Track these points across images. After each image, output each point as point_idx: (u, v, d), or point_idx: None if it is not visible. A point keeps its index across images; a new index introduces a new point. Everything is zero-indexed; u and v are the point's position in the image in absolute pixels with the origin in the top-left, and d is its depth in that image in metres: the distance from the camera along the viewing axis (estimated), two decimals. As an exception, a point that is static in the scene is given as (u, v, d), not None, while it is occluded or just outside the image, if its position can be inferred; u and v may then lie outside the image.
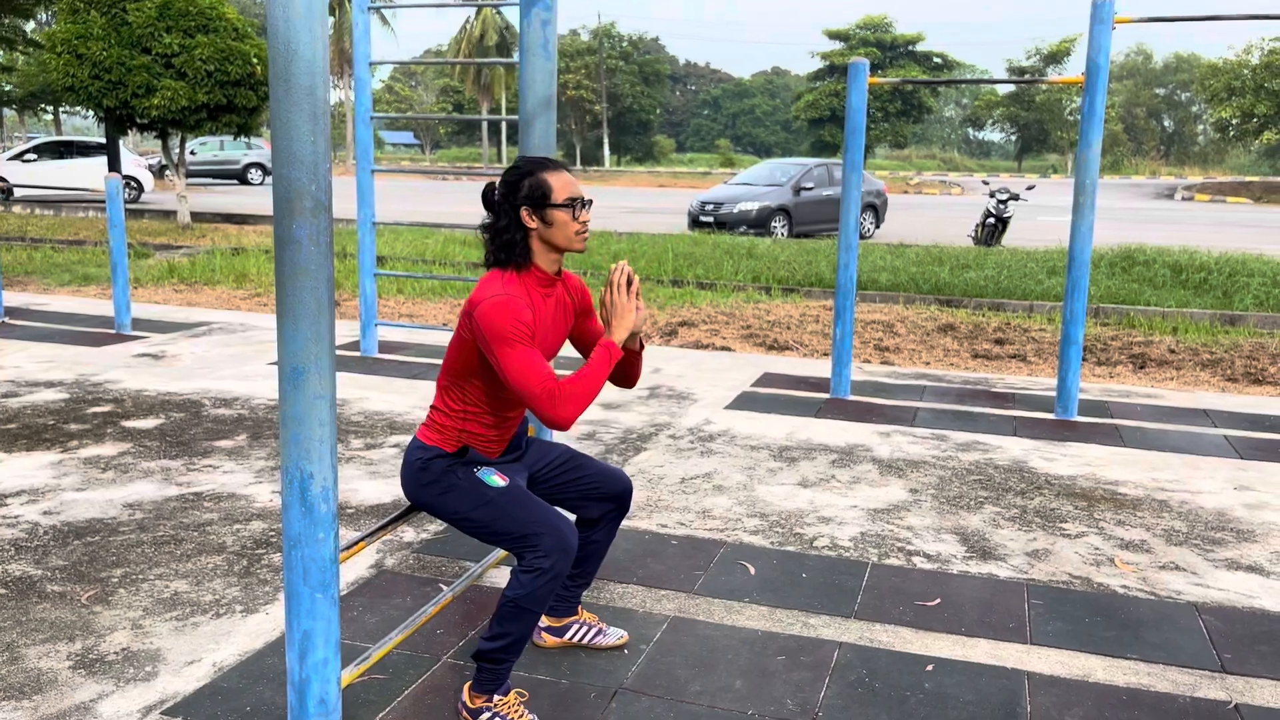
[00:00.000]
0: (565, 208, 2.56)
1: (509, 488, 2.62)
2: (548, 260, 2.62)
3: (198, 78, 14.87)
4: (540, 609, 2.55)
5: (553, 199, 2.55)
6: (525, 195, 2.55)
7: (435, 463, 2.62)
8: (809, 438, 5.33)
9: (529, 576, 2.53)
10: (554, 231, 2.57)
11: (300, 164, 2.12)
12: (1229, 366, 7.79)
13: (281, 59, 2.08)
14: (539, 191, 2.55)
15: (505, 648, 2.58)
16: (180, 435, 5.14)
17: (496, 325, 2.44)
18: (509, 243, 2.57)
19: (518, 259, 2.58)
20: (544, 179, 2.56)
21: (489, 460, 2.69)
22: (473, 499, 2.60)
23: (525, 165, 2.60)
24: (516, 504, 2.59)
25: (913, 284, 11.31)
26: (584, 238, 2.61)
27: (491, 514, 2.58)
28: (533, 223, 2.56)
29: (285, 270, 2.16)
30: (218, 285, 10.89)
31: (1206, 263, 12.21)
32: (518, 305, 2.47)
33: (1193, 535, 4.05)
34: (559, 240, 2.58)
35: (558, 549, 2.54)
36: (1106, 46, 5.44)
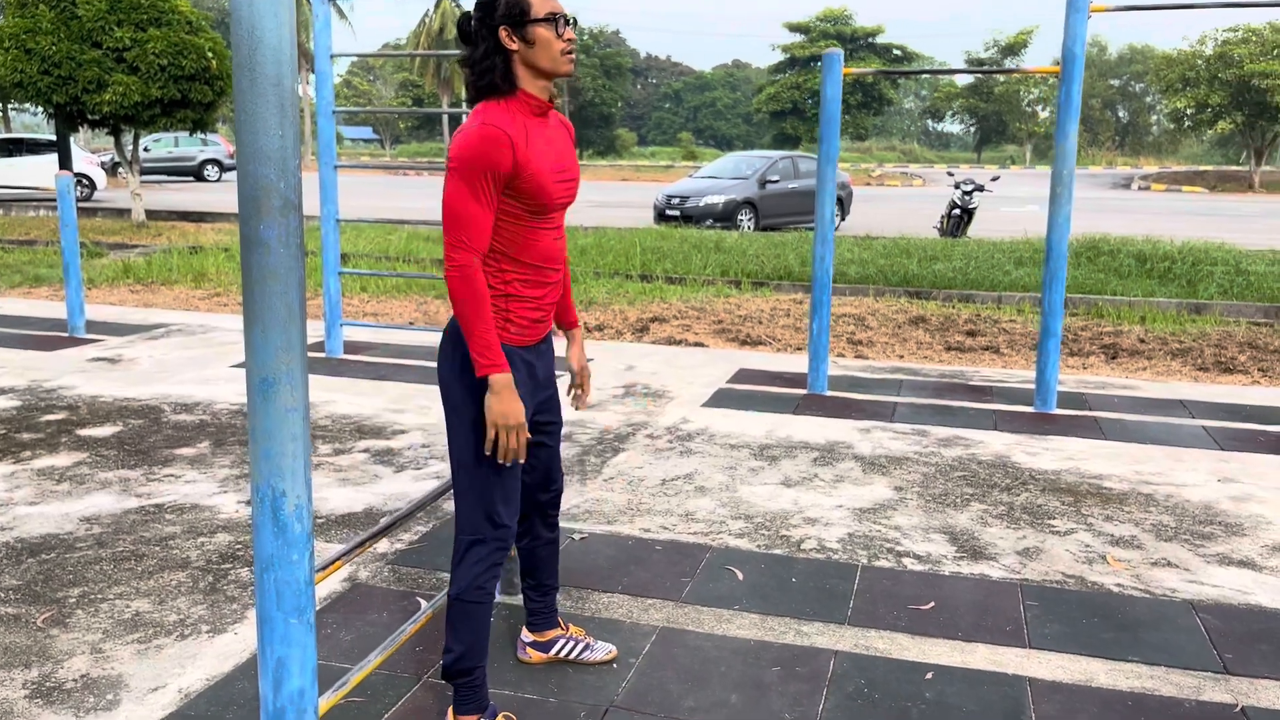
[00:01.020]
0: (547, 23, 2.33)
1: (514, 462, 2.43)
2: (535, 86, 2.39)
3: (151, 72, 14.50)
4: (486, 602, 2.45)
5: (533, 14, 2.33)
6: (503, 14, 2.33)
7: None
8: (789, 435, 5.24)
9: (465, 564, 2.44)
10: (537, 52, 2.34)
11: (267, 159, 1.96)
12: (1199, 355, 7.81)
13: (245, 46, 1.93)
14: (518, 9, 2.32)
15: (464, 654, 2.46)
16: (139, 443, 4.94)
17: (464, 154, 2.25)
18: (490, 68, 2.34)
19: (500, 85, 2.35)
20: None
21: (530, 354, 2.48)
22: (474, 427, 2.39)
23: None
24: (502, 482, 2.42)
25: (881, 276, 11.28)
26: (570, 58, 2.38)
27: (476, 454, 2.40)
28: (514, 44, 2.34)
29: (253, 274, 2.01)
30: (175, 285, 10.60)
31: (1170, 252, 12.29)
32: (495, 140, 2.26)
33: (1181, 530, 4.00)
34: (543, 61, 2.36)
35: (498, 538, 2.44)
36: (1083, 35, 5.39)
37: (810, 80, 50.31)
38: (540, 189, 2.35)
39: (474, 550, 2.44)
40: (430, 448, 4.96)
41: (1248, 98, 33.89)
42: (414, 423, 5.40)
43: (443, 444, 5.03)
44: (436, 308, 9.46)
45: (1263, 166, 37.86)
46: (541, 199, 2.37)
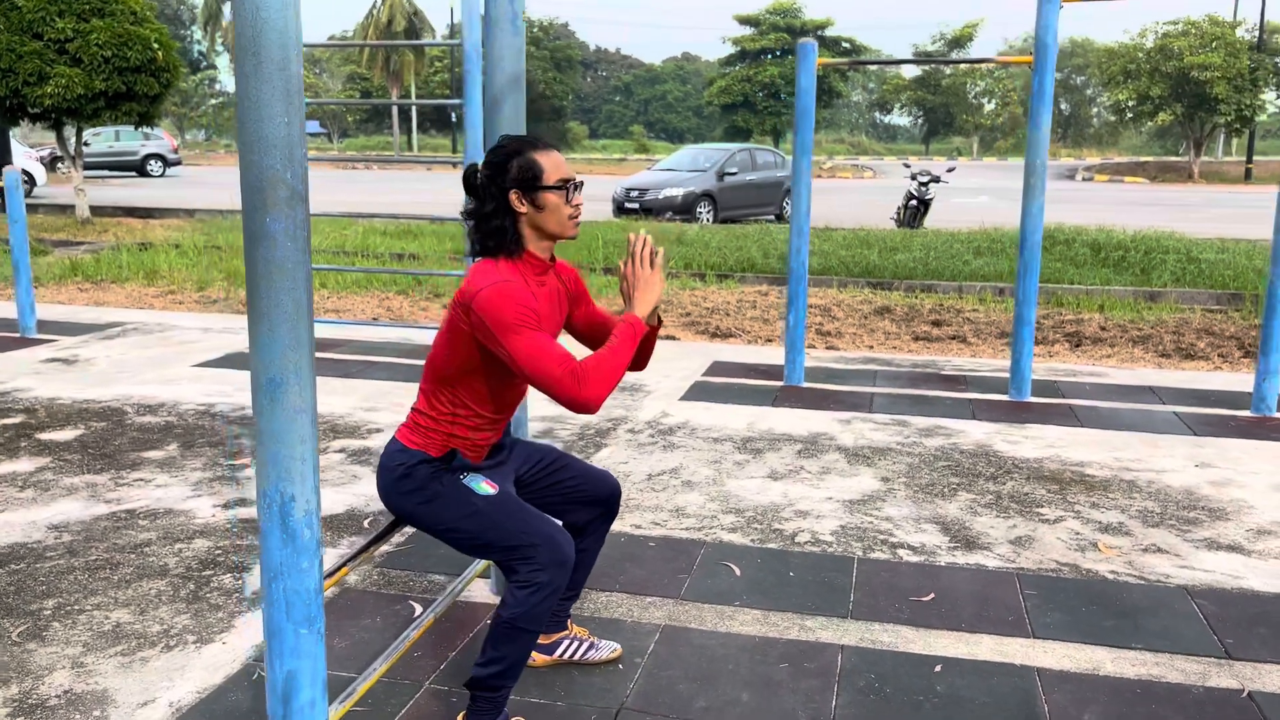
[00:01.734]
0: (558, 190, 2.36)
1: (498, 496, 2.42)
2: (540, 247, 2.42)
3: (94, 64, 14.08)
4: (538, 628, 2.36)
5: (544, 181, 2.35)
6: (514, 177, 2.34)
7: (419, 469, 2.40)
8: (770, 427, 5.21)
9: (525, 593, 2.33)
10: (546, 216, 2.36)
11: (273, 148, 1.87)
12: (1159, 342, 7.93)
13: (250, 29, 1.83)
14: (530, 173, 2.34)
15: (502, 672, 2.38)
16: (104, 446, 4.76)
17: (501, 313, 2.23)
18: (498, 229, 2.36)
19: (509, 247, 2.36)
20: (534, 159, 2.35)
21: (475, 465, 2.48)
22: (459, 508, 2.38)
23: (512, 145, 2.38)
24: (507, 513, 2.39)
25: (844, 267, 11.32)
26: (576, 222, 2.42)
27: (480, 524, 2.38)
28: (523, 207, 2.35)
29: (259, 269, 1.91)
30: (127, 283, 10.31)
31: (1124, 241, 12.50)
32: (520, 290, 2.27)
33: (1167, 515, 4.04)
34: (551, 225, 2.38)
35: (553, 561, 2.35)
36: (1054, 26, 5.42)
37: (760, 73, 50.48)
38: None
39: (534, 578, 2.33)
40: (408, 446, 4.85)
41: (1187, 89, 34.62)
42: (388, 421, 5.28)
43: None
44: (400, 304, 9.30)
45: (1202, 157, 38.72)
46: None
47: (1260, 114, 35.54)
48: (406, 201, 20.86)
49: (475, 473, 2.46)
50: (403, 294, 9.79)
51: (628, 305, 2.39)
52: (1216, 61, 32.96)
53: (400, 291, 9.87)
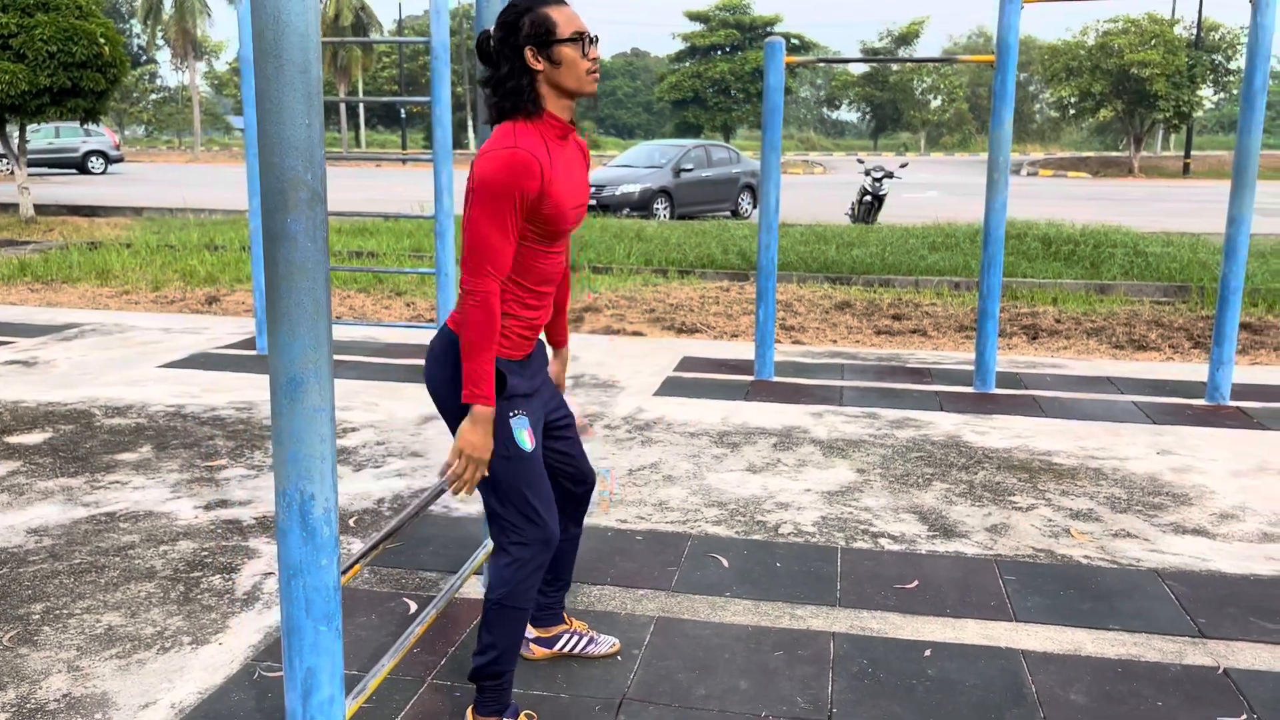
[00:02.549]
0: (573, 42, 2.27)
1: (531, 454, 2.38)
2: (559, 106, 2.33)
3: (38, 59, 13.76)
4: (526, 605, 2.41)
5: (559, 34, 2.26)
6: (528, 34, 2.25)
7: None
8: (745, 421, 5.28)
9: (509, 569, 2.39)
10: (563, 72, 2.28)
11: (294, 150, 1.88)
12: (1112, 334, 8.15)
13: (270, 32, 1.84)
14: (543, 28, 2.25)
15: (499, 657, 2.41)
16: (75, 449, 4.70)
17: (489, 178, 2.18)
18: (515, 89, 2.27)
19: (527, 106, 2.28)
20: (546, 14, 2.26)
21: (520, 367, 2.41)
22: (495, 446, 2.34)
23: (523, 3, 2.29)
24: (527, 476, 2.37)
25: (802, 263, 11.45)
26: (595, 77, 2.33)
27: (500, 473, 2.35)
28: (539, 64, 2.27)
29: (279, 270, 1.93)
30: (79, 283, 10.11)
31: (1073, 235, 12.79)
32: (525, 166, 2.19)
33: (1134, 502, 4.18)
34: (569, 82, 2.29)
35: (538, 539, 2.40)
36: (1015, 26, 5.55)
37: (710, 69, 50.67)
38: (560, 215, 2.31)
39: (516, 551, 2.38)
40: (385, 445, 4.85)
41: (1127, 86, 35.45)
42: (364, 420, 5.27)
43: (397, 441, 4.92)
44: (362, 302, 9.23)
45: (1141, 152, 39.67)
46: (558, 225, 2.32)
47: (1197, 110, 36.51)
48: (357, 199, 20.66)
49: (521, 415, 2.39)
50: (364, 292, 9.72)
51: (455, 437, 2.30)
52: (1156, 59, 33.78)
53: (361, 289, 9.81)
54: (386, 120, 63.74)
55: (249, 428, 5.07)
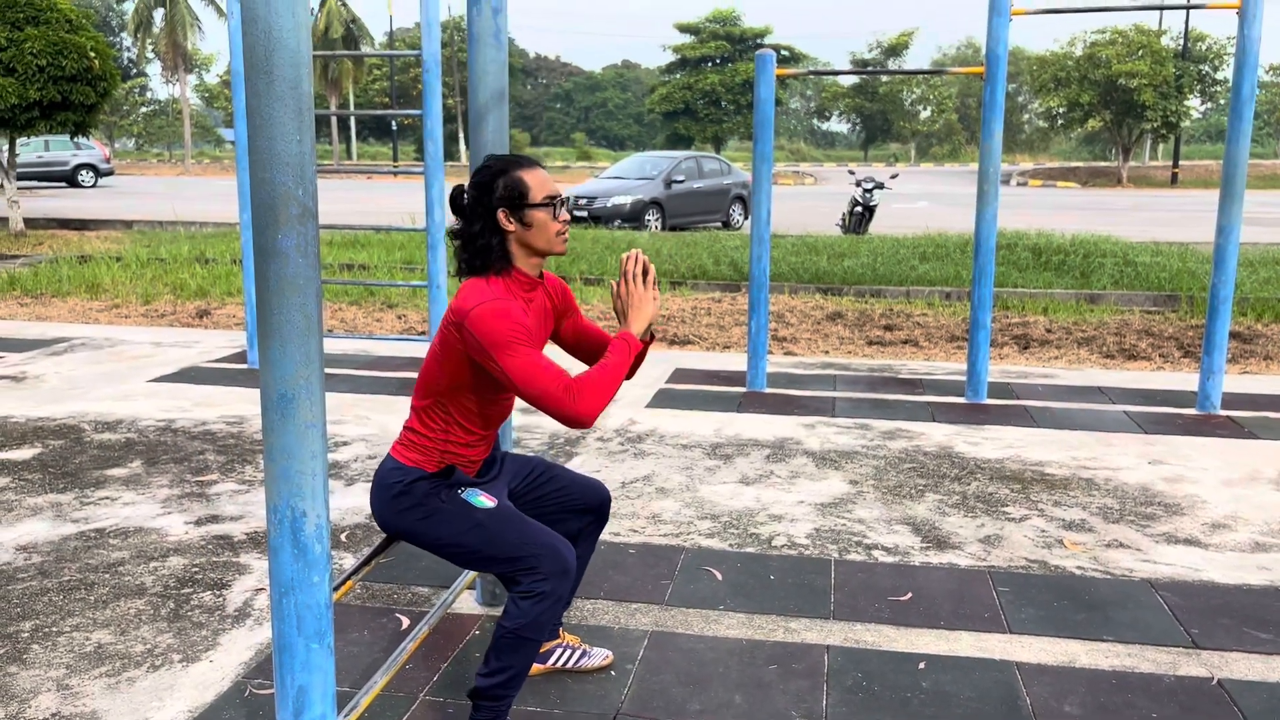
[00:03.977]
0: (544, 207, 2.41)
1: (498, 509, 2.45)
2: (529, 264, 2.47)
3: (28, 73, 13.73)
4: (541, 636, 2.39)
5: (531, 199, 2.40)
6: (501, 196, 2.39)
7: (417, 485, 2.42)
8: (737, 433, 5.28)
9: (528, 603, 2.36)
10: (533, 233, 2.41)
11: (285, 166, 1.88)
12: (1103, 344, 8.18)
13: (261, 48, 1.84)
14: (515, 191, 2.39)
15: (506, 682, 2.40)
16: (64, 465, 4.67)
17: (494, 331, 2.27)
18: (485, 248, 2.41)
19: (497, 264, 2.41)
20: (519, 177, 2.40)
21: (471, 480, 2.51)
22: (460, 523, 2.41)
23: (497, 164, 2.42)
24: (508, 525, 2.42)
25: (793, 273, 11.47)
26: (564, 238, 2.47)
27: (482, 538, 2.40)
28: (510, 225, 2.40)
29: (270, 285, 1.92)
30: (69, 297, 10.07)
31: (1063, 245, 12.83)
32: (512, 308, 2.31)
33: (1126, 512, 4.18)
34: (539, 243, 2.43)
35: (555, 571, 2.39)
36: (1004, 38, 5.58)
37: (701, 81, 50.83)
38: None
39: (539, 588, 2.36)
40: (377, 458, 4.83)
41: (1115, 96, 35.64)
42: (355, 433, 5.25)
43: (390, 454, 4.90)
44: (353, 315, 9.22)
45: (1130, 162, 39.89)
46: None
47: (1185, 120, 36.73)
48: (348, 211, 20.65)
49: (473, 487, 2.49)
50: (355, 305, 9.71)
51: (622, 322, 2.44)
52: (1143, 69, 33.99)
53: (353, 302, 9.79)
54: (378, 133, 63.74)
55: (240, 442, 5.05)
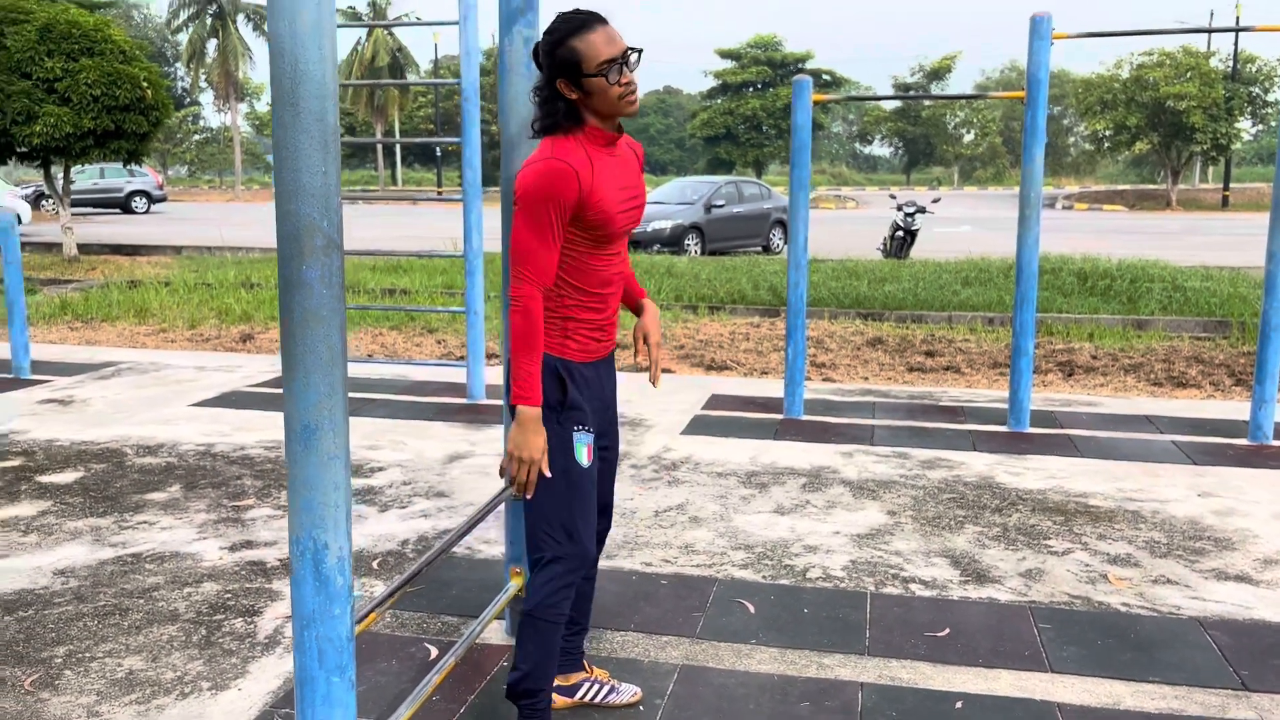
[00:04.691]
0: (598, 76, 2.33)
1: (589, 471, 2.48)
2: (601, 122, 2.42)
3: (83, 103, 14.09)
4: (557, 620, 2.47)
5: (585, 68, 2.33)
6: (559, 66, 2.36)
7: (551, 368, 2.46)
8: (773, 461, 5.22)
9: (542, 581, 2.46)
10: (595, 100, 2.37)
11: (310, 197, 1.88)
12: (1151, 371, 8.01)
13: (288, 80, 1.85)
14: (570, 61, 2.34)
15: (530, 673, 2.48)
16: (105, 489, 4.73)
17: (523, 187, 2.32)
18: (552, 111, 2.40)
19: (564, 125, 2.39)
20: (573, 46, 2.33)
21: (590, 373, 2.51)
22: (552, 457, 2.45)
23: (557, 30, 2.37)
24: (578, 495, 2.47)
25: (834, 298, 11.39)
26: (630, 99, 2.38)
27: (551, 489, 2.45)
28: (572, 94, 2.38)
29: (294, 316, 1.92)
30: (118, 321, 10.26)
31: (1109, 269, 12.63)
32: (561, 175, 2.30)
33: (1174, 546, 4.06)
34: (603, 108, 2.39)
35: (576, 554, 2.47)
36: (1046, 62, 5.51)
37: (742, 106, 50.93)
38: (606, 219, 2.40)
39: (550, 567, 2.46)
40: (412, 485, 4.84)
41: (1163, 119, 35.15)
42: (391, 459, 5.26)
43: (423, 481, 4.91)
44: (393, 339, 9.29)
45: (1179, 185, 39.25)
46: (607, 228, 2.41)
47: (1235, 142, 36.12)
48: (393, 235, 20.90)
49: (585, 430, 2.48)
50: (396, 329, 9.79)
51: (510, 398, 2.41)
52: (1192, 91, 33.51)
53: (394, 327, 9.87)
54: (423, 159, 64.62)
55: (277, 467, 5.09)
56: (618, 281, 2.52)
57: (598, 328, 2.50)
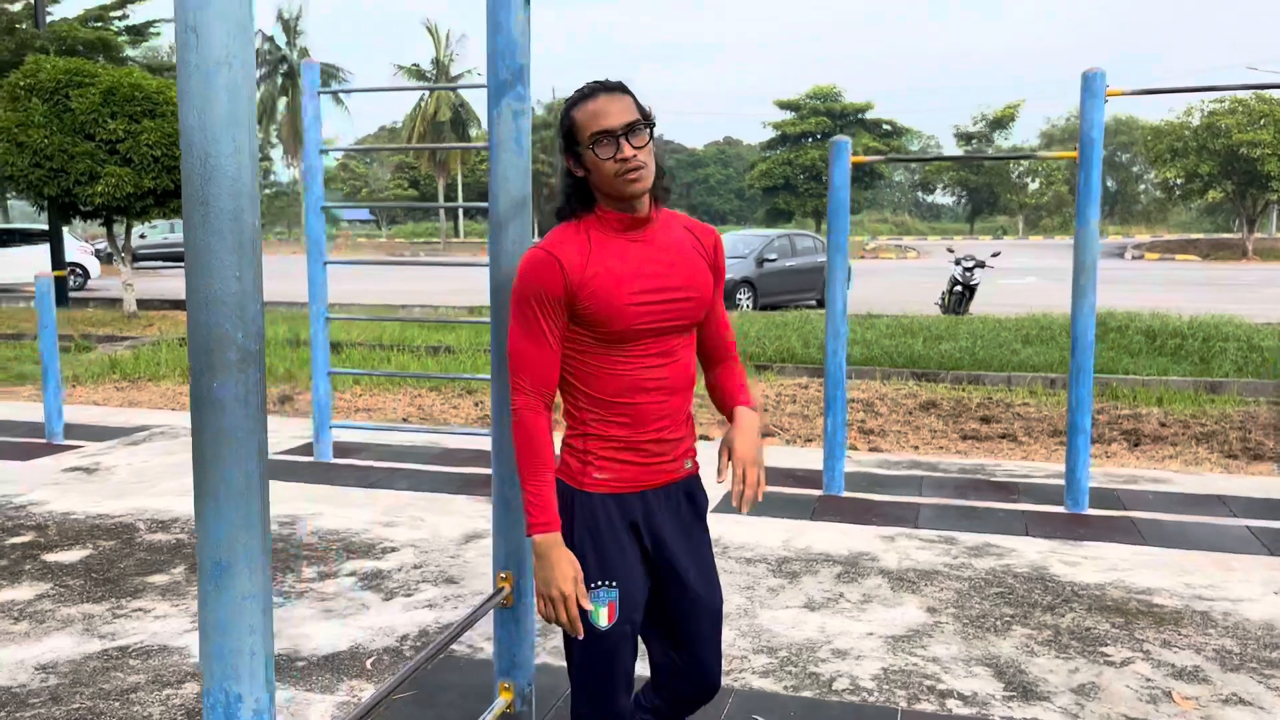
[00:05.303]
0: (590, 149, 2.08)
1: (611, 631, 2.14)
2: (612, 202, 2.13)
3: (144, 164, 14.40)
4: None
5: (579, 138, 2.10)
6: (563, 140, 2.15)
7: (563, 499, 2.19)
8: (808, 545, 4.89)
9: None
10: (596, 177, 2.11)
11: (222, 306, 1.67)
12: (1224, 441, 7.50)
13: (198, 175, 1.65)
14: (569, 134, 2.13)
15: None
16: (108, 570, 4.58)
17: (515, 284, 2.11)
18: (563, 190, 2.18)
19: (572, 208, 2.17)
20: (573, 118, 2.12)
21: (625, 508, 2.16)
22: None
23: (568, 99, 2.15)
24: (603, 663, 2.17)
25: (887, 357, 11.02)
26: (630, 178, 2.06)
27: (572, 646, 2.21)
28: (578, 171, 2.14)
29: (205, 438, 1.70)
30: (163, 381, 10.30)
31: (1180, 327, 12.06)
32: (541, 264, 2.08)
33: (1247, 657, 3.64)
34: (604, 186, 2.10)
35: (600, 716, 2.21)
36: (1100, 120, 5.19)
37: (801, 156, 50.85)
38: (609, 314, 2.08)
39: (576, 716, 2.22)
40: (422, 568, 4.61)
41: (1237, 166, 34.17)
42: (406, 538, 5.04)
43: (435, 564, 4.67)
44: (431, 401, 9.15)
45: (1255, 234, 38.02)
46: (612, 325, 2.09)
47: (1314, 190, 34.92)
48: (447, 289, 21.00)
49: (604, 586, 2.14)
50: (435, 390, 9.65)
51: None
52: (1266, 139, 32.54)
53: (433, 388, 9.74)
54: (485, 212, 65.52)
55: (286, 546, 4.90)
56: (660, 388, 2.14)
57: (631, 448, 2.14)
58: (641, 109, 2.11)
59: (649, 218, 2.15)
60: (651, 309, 2.11)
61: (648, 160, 2.08)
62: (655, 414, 2.15)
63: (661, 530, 2.20)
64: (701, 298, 2.18)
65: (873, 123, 53.02)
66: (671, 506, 2.22)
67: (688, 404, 2.23)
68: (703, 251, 2.24)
